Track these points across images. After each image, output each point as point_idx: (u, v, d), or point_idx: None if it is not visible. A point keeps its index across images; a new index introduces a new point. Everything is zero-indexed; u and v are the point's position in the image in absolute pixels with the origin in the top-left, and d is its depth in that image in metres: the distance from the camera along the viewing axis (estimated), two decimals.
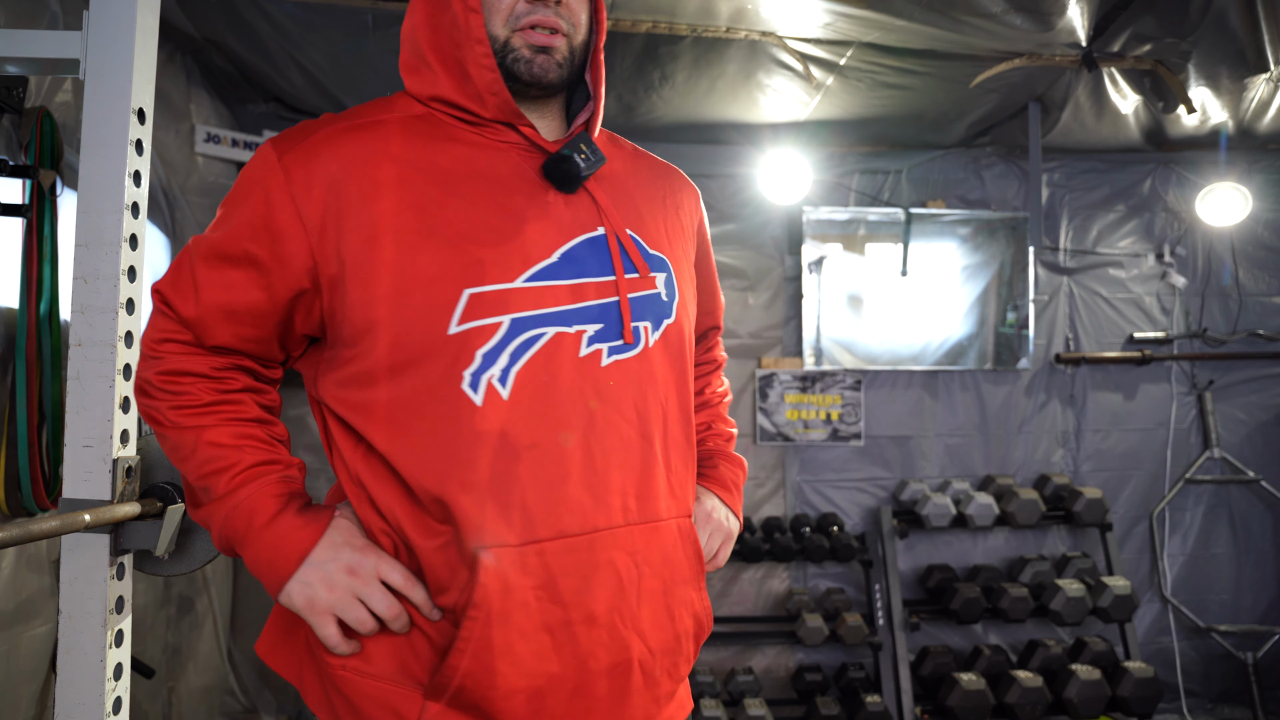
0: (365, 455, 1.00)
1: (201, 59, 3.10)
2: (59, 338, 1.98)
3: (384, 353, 0.96)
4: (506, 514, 0.94)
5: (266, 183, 0.98)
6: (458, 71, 1.05)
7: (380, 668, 0.97)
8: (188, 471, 1.01)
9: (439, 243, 0.97)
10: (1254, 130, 3.51)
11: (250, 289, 0.99)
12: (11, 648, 2.01)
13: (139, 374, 1.04)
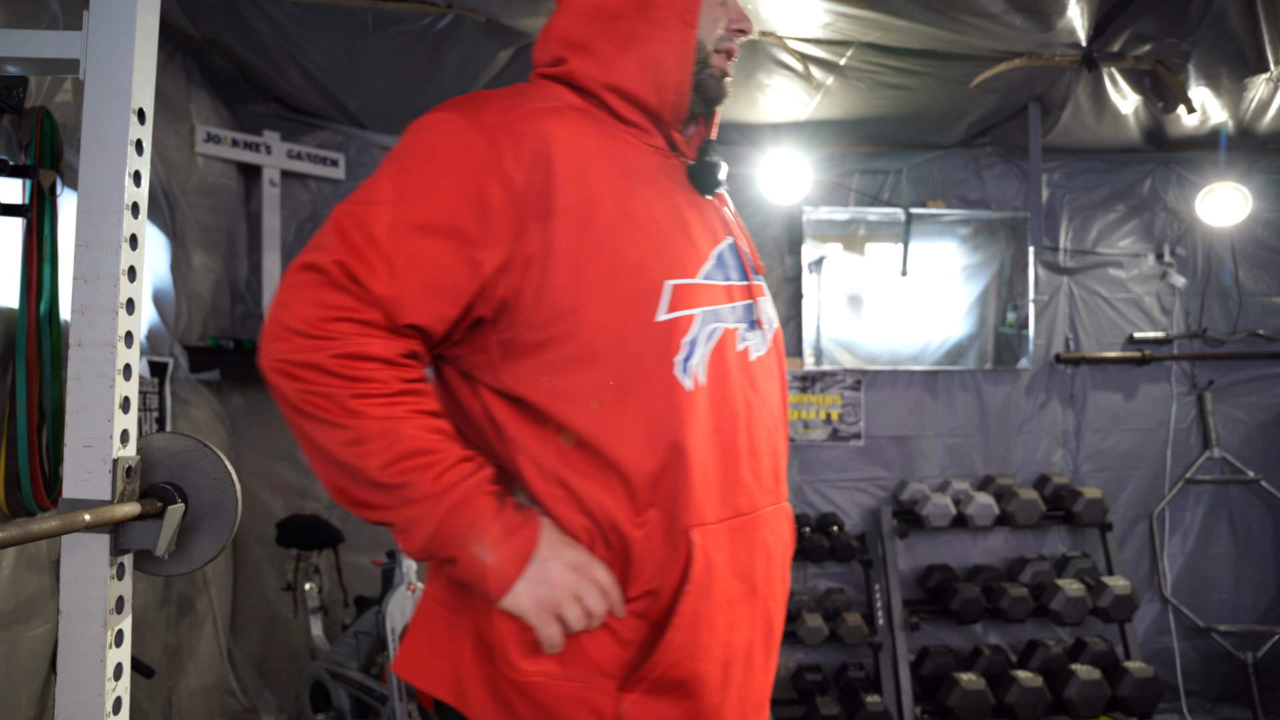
0: (562, 451, 0.98)
1: (201, 59, 3.11)
2: (59, 338, 1.98)
3: (591, 336, 0.96)
4: (707, 494, 1.00)
5: (473, 153, 0.95)
6: (647, 65, 1.05)
7: (575, 668, 0.96)
8: (372, 466, 0.91)
9: (638, 233, 0.99)
10: (1254, 130, 3.51)
11: (457, 265, 0.94)
12: (11, 648, 2.01)
13: (300, 356, 0.90)
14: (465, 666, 1.00)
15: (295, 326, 0.91)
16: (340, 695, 2.87)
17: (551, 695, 0.95)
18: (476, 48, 2.80)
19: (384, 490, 0.92)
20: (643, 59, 1.05)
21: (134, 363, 1.28)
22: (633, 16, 1.05)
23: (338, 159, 3.56)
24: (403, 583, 2.65)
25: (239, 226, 3.42)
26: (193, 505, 1.33)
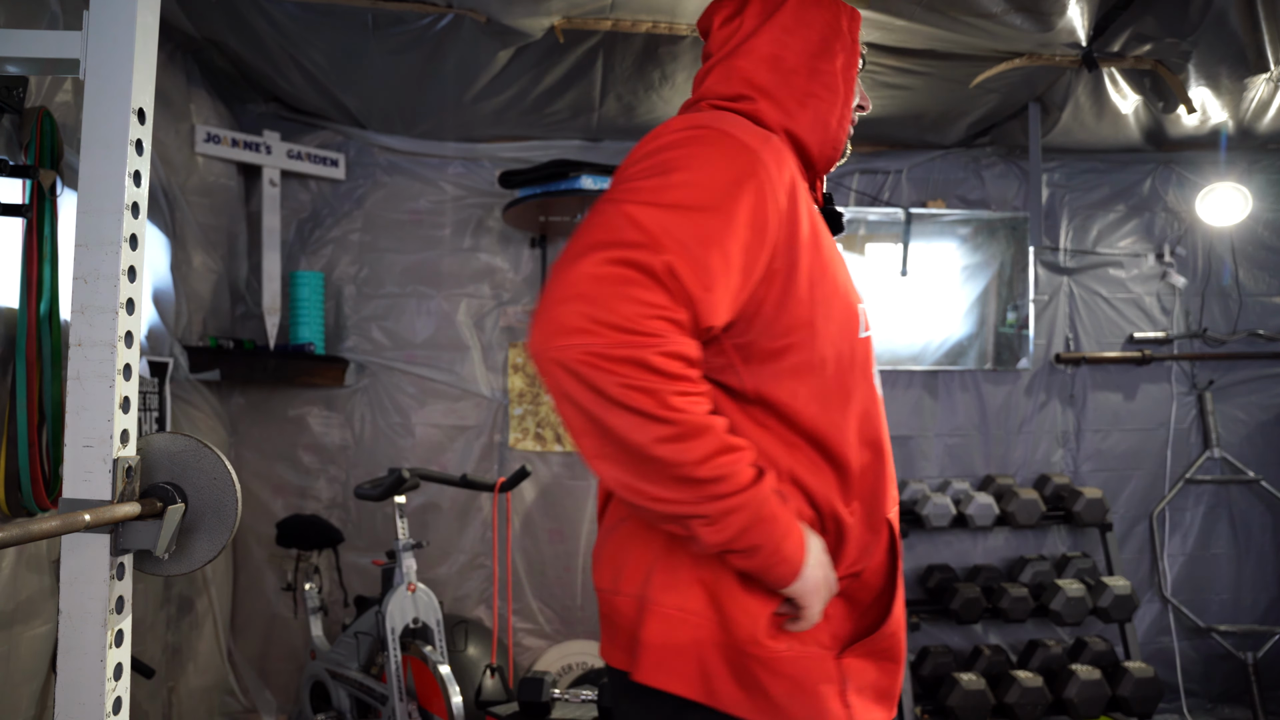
0: (791, 446, 1.10)
1: (201, 59, 3.11)
2: (59, 338, 1.98)
3: (822, 346, 1.10)
4: (892, 486, 1.20)
5: (757, 175, 1.04)
6: (818, 121, 1.22)
7: (807, 643, 1.08)
8: (691, 460, 0.94)
9: (831, 261, 1.16)
10: (1254, 130, 3.51)
11: (741, 274, 1.02)
12: (11, 648, 2.01)
13: (620, 351, 0.92)
14: (710, 663, 1.04)
15: (613, 321, 0.92)
16: (340, 695, 2.87)
17: (798, 667, 1.06)
18: (476, 48, 2.80)
19: (694, 485, 0.96)
20: (815, 115, 1.21)
21: (134, 363, 1.28)
22: (806, 75, 1.21)
23: (338, 159, 3.56)
24: (403, 583, 2.65)
25: (239, 226, 3.42)
26: (193, 505, 1.33)
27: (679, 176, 1.01)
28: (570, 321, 0.93)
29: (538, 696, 2.47)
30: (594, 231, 0.98)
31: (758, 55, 1.21)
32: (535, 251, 3.72)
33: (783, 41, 1.21)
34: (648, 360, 0.92)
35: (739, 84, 1.21)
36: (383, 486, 2.70)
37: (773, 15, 1.22)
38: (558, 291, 0.95)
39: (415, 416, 3.59)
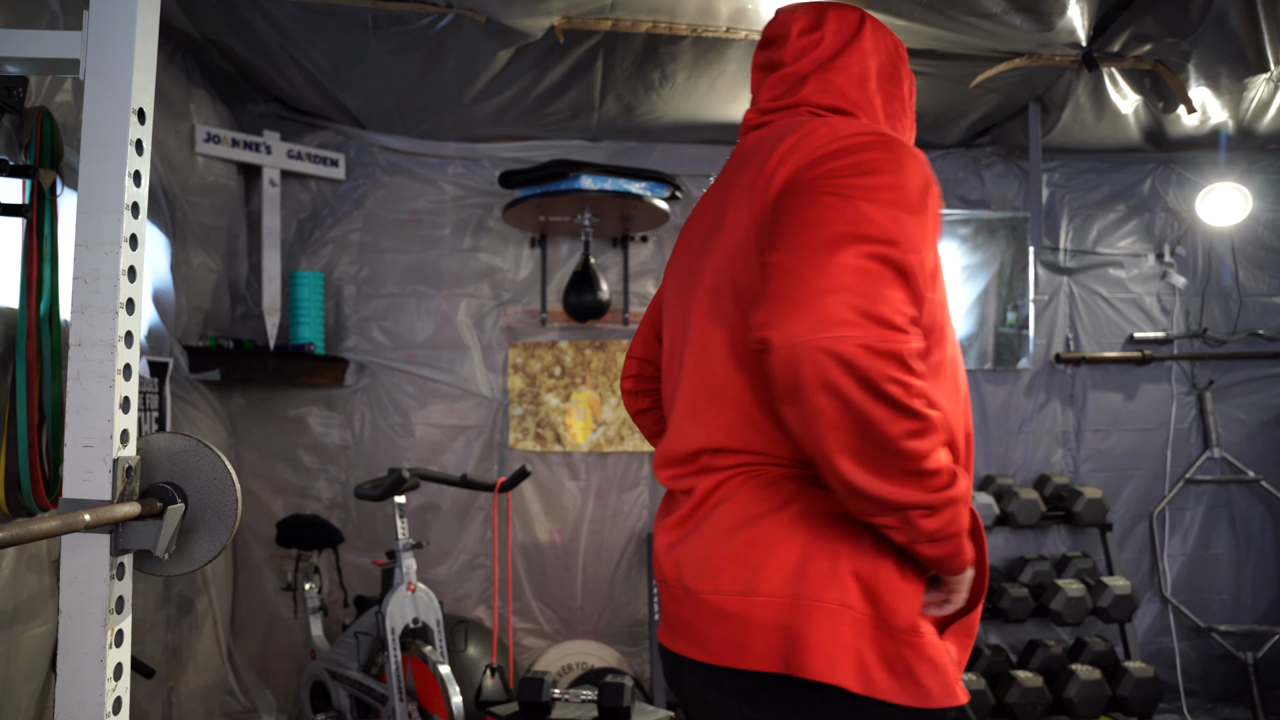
0: None
1: (201, 59, 3.11)
2: (59, 338, 1.98)
3: (946, 348, 1.17)
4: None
5: (932, 180, 1.11)
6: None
7: (932, 625, 1.12)
8: (926, 453, 0.99)
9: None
10: (1254, 130, 3.51)
11: (932, 274, 1.12)
12: (11, 648, 2.01)
13: (888, 345, 0.94)
14: (866, 654, 1.05)
15: (879, 316, 0.95)
16: (340, 695, 2.87)
17: (936, 648, 1.08)
18: (476, 48, 2.80)
19: (925, 477, 0.99)
20: (893, 130, 1.30)
21: (134, 363, 1.28)
22: (884, 97, 1.31)
23: (338, 159, 3.56)
24: (403, 583, 2.65)
25: (239, 226, 3.42)
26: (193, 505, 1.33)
27: (885, 179, 1.04)
28: (839, 313, 0.94)
29: (538, 696, 2.47)
30: (835, 223, 0.99)
31: (850, 73, 1.28)
32: (535, 251, 3.72)
33: (866, 64, 1.29)
34: (903, 355, 0.95)
35: (837, 97, 1.27)
36: (383, 486, 2.70)
37: (855, 37, 1.30)
38: (820, 282, 0.96)
39: (415, 416, 3.59)
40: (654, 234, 3.76)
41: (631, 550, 3.70)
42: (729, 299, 1.15)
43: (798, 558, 1.08)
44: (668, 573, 1.21)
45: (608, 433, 3.69)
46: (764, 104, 1.34)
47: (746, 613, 1.09)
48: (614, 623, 3.67)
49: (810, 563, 1.07)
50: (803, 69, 1.30)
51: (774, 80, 1.34)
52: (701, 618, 1.13)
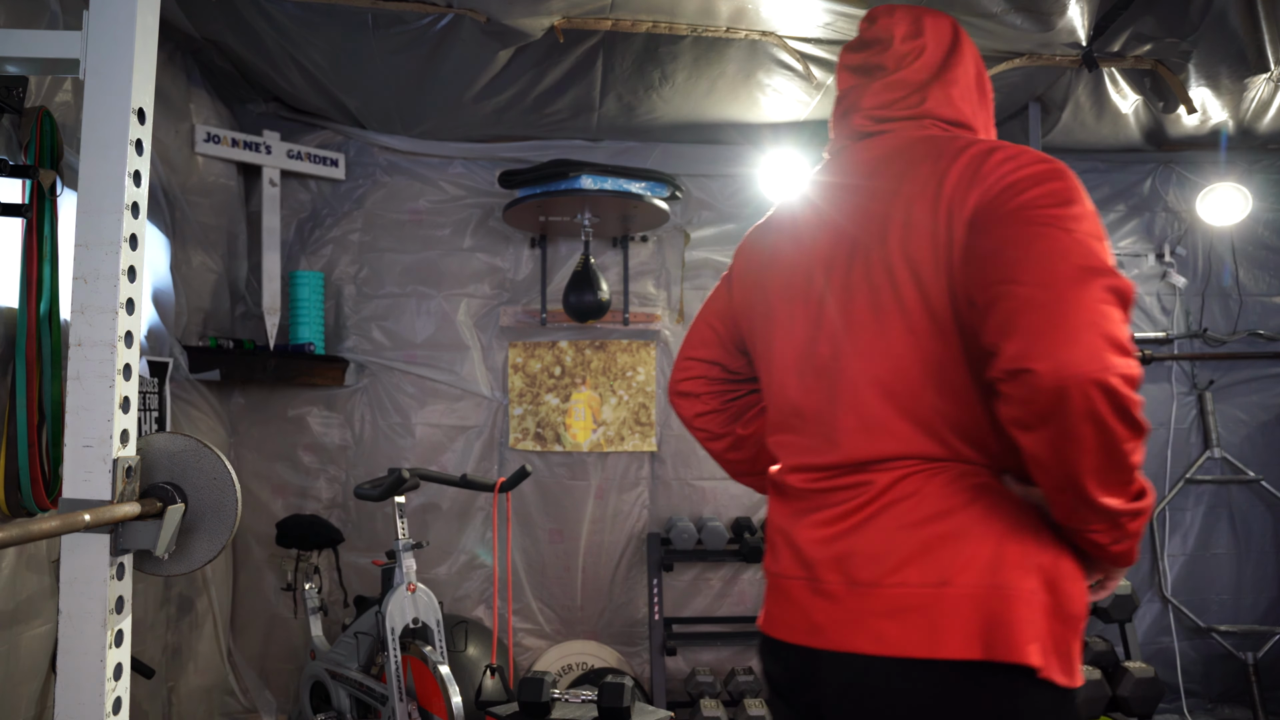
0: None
1: (201, 59, 3.11)
2: (59, 338, 1.98)
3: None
4: None
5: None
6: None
7: None
8: (1139, 465, 1.07)
9: None
10: (1254, 130, 3.51)
11: None
12: (11, 648, 2.01)
13: (1135, 372, 1.02)
14: (1047, 640, 1.12)
15: (1126, 346, 1.02)
16: (340, 695, 2.87)
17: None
18: (476, 48, 2.80)
19: (1135, 486, 1.08)
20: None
21: (134, 363, 1.28)
22: (986, 109, 1.39)
23: (338, 159, 3.56)
24: (403, 583, 2.65)
25: (239, 226, 3.42)
26: (193, 505, 1.33)
27: (1079, 209, 1.09)
28: (1102, 346, 1.00)
29: (538, 696, 2.47)
30: (1074, 257, 1.05)
31: (962, 85, 1.35)
32: (535, 251, 3.72)
33: (970, 74, 1.37)
34: (1139, 381, 1.03)
35: (958, 111, 1.34)
36: (383, 486, 2.70)
37: (956, 47, 1.37)
38: (1080, 316, 1.01)
39: (415, 416, 3.59)
40: (654, 234, 3.76)
41: (631, 550, 3.70)
42: (918, 316, 1.18)
43: (993, 550, 1.13)
44: (821, 567, 1.21)
45: (608, 433, 3.69)
46: (876, 111, 1.36)
47: (938, 603, 1.12)
48: (614, 623, 3.67)
49: (1005, 555, 1.13)
50: (915, 78, 1.34)
51: (880, 87, 1.36)
52: (876, 610, 1.15)
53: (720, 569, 3.72)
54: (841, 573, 1.18)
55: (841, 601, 1.18)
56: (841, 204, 1.32)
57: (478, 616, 3.56)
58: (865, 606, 1.15)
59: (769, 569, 1.35)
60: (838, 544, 1.20)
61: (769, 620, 1.31)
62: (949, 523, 1.15)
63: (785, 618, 1.27)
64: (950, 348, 1.16)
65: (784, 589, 1.28)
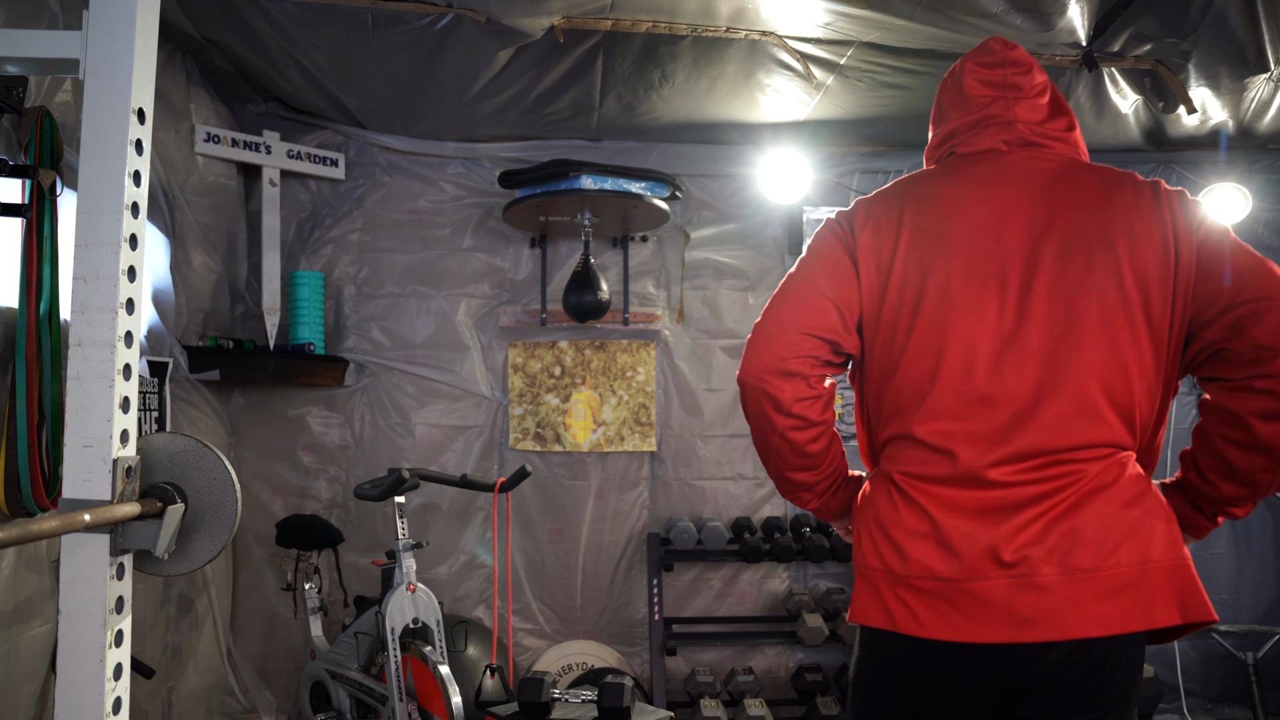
0: None
1: (201, 59, 3.11)
2: (59, 338, 1.98)
3: None
4: None
5: None
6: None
7: None
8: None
9: None
10: (1254, 130, 3.51)
11: None
12: (11, 648, 2.01)
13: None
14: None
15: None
16: (340, 695, 2.87)
17: None
18: (476, 48, 2.80)
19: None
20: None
21: (134, 363, 1.28)
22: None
23: (338, 159, 3.56)
24: (403, 583, 2.65)
25: (239, 226, 3.42)
26: (192, 505, 1.33)
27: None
28: None
29: (538, 696, 2.47)
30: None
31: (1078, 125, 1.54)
32: (535, 251, 3.72)
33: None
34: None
35: (1083, 146, 1.53)
36: (383, 486, 2.70)
37: (1052, 85, 1.55)
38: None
39: (415, 416, 3.59)
40: (654, 234, 3.76)
41: (631, 550, 3.70)
42: (1140, 318, 1.33)
43: (1168, 527, 1.31)
44: (1034, 562, 1.26)
45: (608, 433, 3.69)
46: (1035, 126, 1.48)
47: (1143, 579, 1.26)
48: (614, 623, 3.67)
49: (1174, 533, 1.32)
50: (1059, 107, 1.51)
51: (1028, 107, 1.48)
52: (1093, 594, 1.25)
53: (720, 569, 3.72)
54: (1058, 563, 1.26)
55: (1055, 592, 1.25)
56: (1034, 202, 1.39)
57: (478, 616, 3.56)
58: (1082, 592, 1.25)
59: (905, 573, 1.32)
60: (1050, 536, 1.27)
61: (925, 625, 1.30)
62: (1142, 506, 1.30)
63: (959, 620, 1.28)
64: (1159, 350, 1.33)
65: (950, 592, 1.29)
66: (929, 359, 1.36)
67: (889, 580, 1.34)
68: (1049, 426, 1.30)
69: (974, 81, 1.51)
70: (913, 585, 1.31)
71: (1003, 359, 1.32)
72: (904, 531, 1.33)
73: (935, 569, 1.30)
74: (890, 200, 1.47)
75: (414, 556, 2.71)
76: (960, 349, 1.34)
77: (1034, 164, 1.44)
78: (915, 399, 1.37)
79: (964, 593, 1.27)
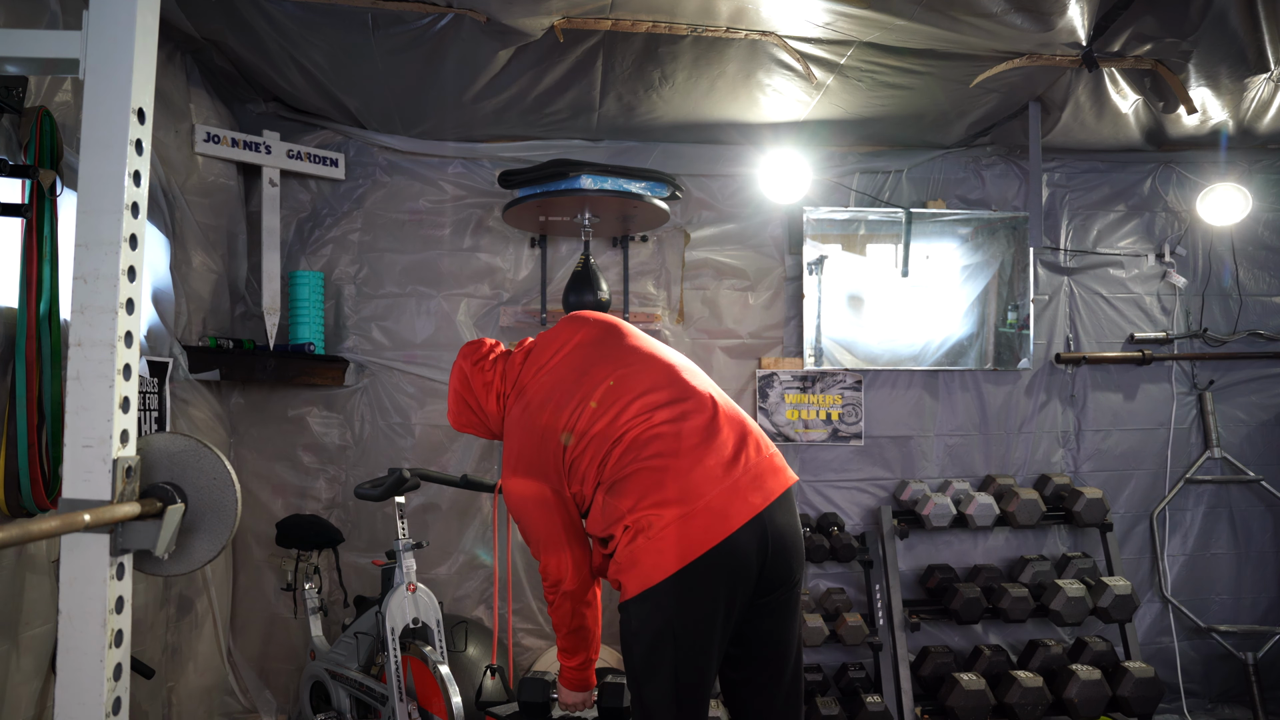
0: None
1: (201, 59, 3.11)
2: (59, 338, 1.98)
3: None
4: None
5: None
6: None
7: None
8: None
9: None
10: (1254, 130, 3.51)
11: None
12: (11, 648, 2.01)
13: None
14: None
15: None
16: (340, 695, 2.87)
17: None
18: (476, 47, 2.80)
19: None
20: None
21: (134, 363, 1.28)
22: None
23: (338, 159, 3.56)
24: (403, 583, 2.65)
25: (239, 226, 3.42)
26: (192, 505, 1.33)
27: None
28: None
29: (538, 696, 2.47)
30: None
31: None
32: (535, 251, 3.72)
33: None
34: None
35: None
36: (383, 486, 2.70)
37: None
38: None
39: (415, 416, 3.59)
40: (654, 234, 3.76)
41: None
42: None
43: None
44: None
45: None
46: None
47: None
48: (614, 623, 3.67)
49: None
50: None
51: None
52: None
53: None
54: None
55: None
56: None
57: (478, 616, 3.56)
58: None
59: None
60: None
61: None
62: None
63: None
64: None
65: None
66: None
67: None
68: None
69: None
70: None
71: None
72: None
73: None
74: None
75: (414, 556, 2.71)
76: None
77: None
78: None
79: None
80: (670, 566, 1.76)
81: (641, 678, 1.85)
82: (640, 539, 1.80)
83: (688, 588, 1.78)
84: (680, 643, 1.80)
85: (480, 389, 2.17)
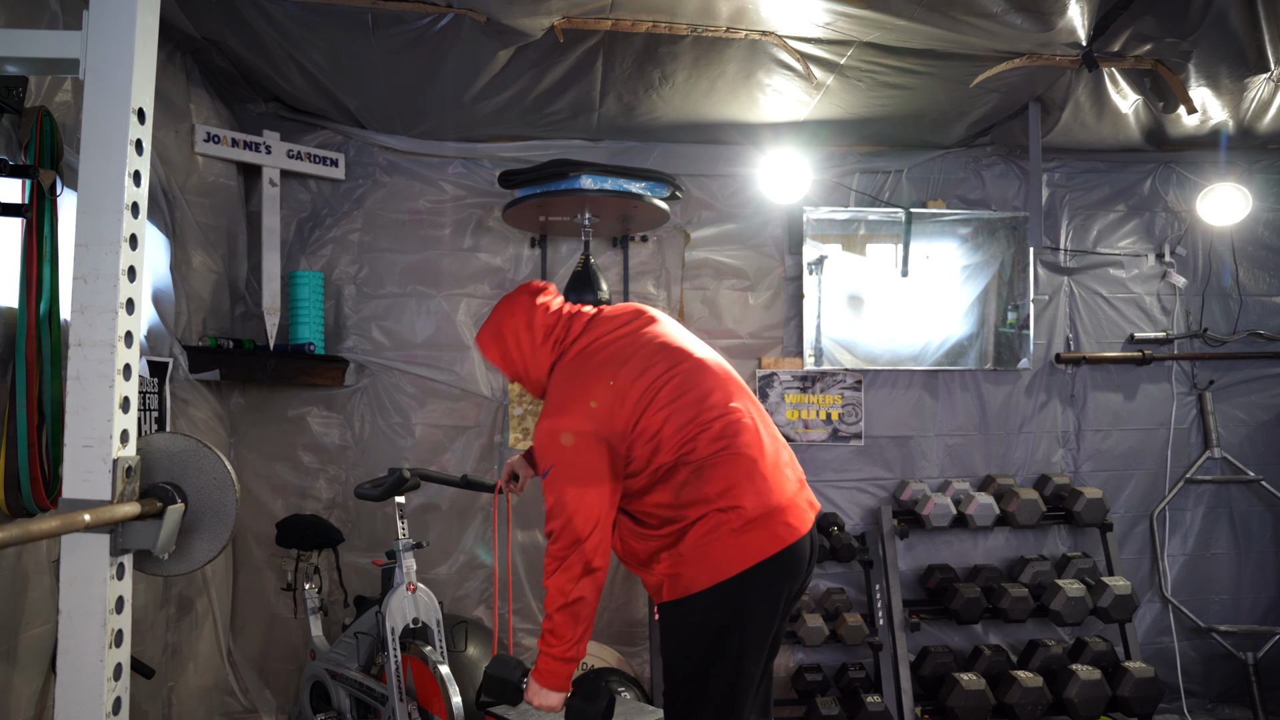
0: None
1: (201, 59, 3.11)
2: (59, 338, 1.98)
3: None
4: None
5: None
6: None
7: None
8: None
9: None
10: (1254, 130, 3.51)
11: None
12: (11, 648, 2.01)
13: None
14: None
15: None
16: (340, 695, 2.87)
17: None
18: (476, 47, 2.80)
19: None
20: None
21: (134, 363, 1.28)
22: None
23: (337, 159, 3.56)
24: (403, 583, 2.65)
25: (239, 226, 3.42)
26: (192, 505, 1.33)
27: None
28: None
29: (511, 675, 2.46)
30: None
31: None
32: (535, 251, 3.72)
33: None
34: None
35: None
36: (383, 486, 2.70)
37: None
38: None
39: (415, 416, 3.59)
40: (654, 234, 3.76)
41: None
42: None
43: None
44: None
45: None
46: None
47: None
48: (614, 623, 3.67)
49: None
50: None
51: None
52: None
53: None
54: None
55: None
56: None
57: (478, 616, 3.56)
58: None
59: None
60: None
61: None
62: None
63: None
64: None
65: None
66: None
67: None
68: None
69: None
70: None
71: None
72: None
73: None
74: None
75: (414, 556, 2.71)
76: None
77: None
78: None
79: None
80: (750, 560, 1.83)
81: (700, 671, 1.87)
82: (723, 529, 1.83)
83: (764, 583, 1.85)
84: (748, 635, 1.85)
85: (541, 326, 2.08)
